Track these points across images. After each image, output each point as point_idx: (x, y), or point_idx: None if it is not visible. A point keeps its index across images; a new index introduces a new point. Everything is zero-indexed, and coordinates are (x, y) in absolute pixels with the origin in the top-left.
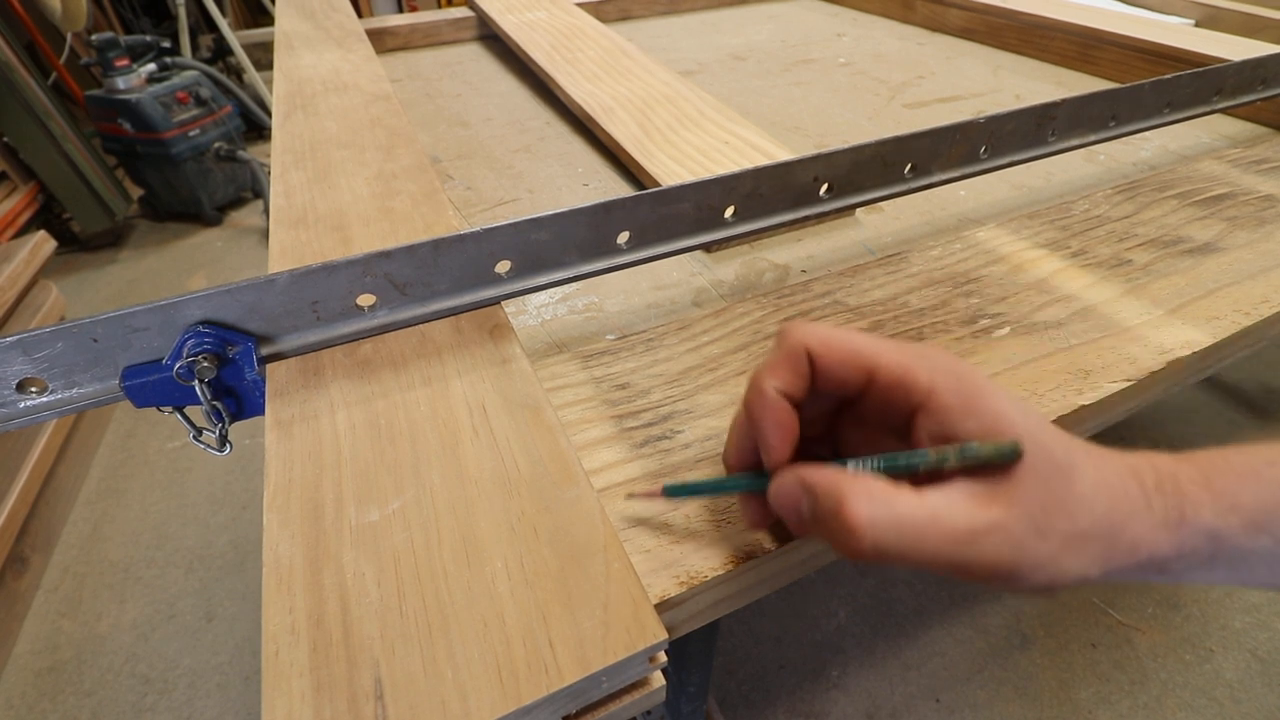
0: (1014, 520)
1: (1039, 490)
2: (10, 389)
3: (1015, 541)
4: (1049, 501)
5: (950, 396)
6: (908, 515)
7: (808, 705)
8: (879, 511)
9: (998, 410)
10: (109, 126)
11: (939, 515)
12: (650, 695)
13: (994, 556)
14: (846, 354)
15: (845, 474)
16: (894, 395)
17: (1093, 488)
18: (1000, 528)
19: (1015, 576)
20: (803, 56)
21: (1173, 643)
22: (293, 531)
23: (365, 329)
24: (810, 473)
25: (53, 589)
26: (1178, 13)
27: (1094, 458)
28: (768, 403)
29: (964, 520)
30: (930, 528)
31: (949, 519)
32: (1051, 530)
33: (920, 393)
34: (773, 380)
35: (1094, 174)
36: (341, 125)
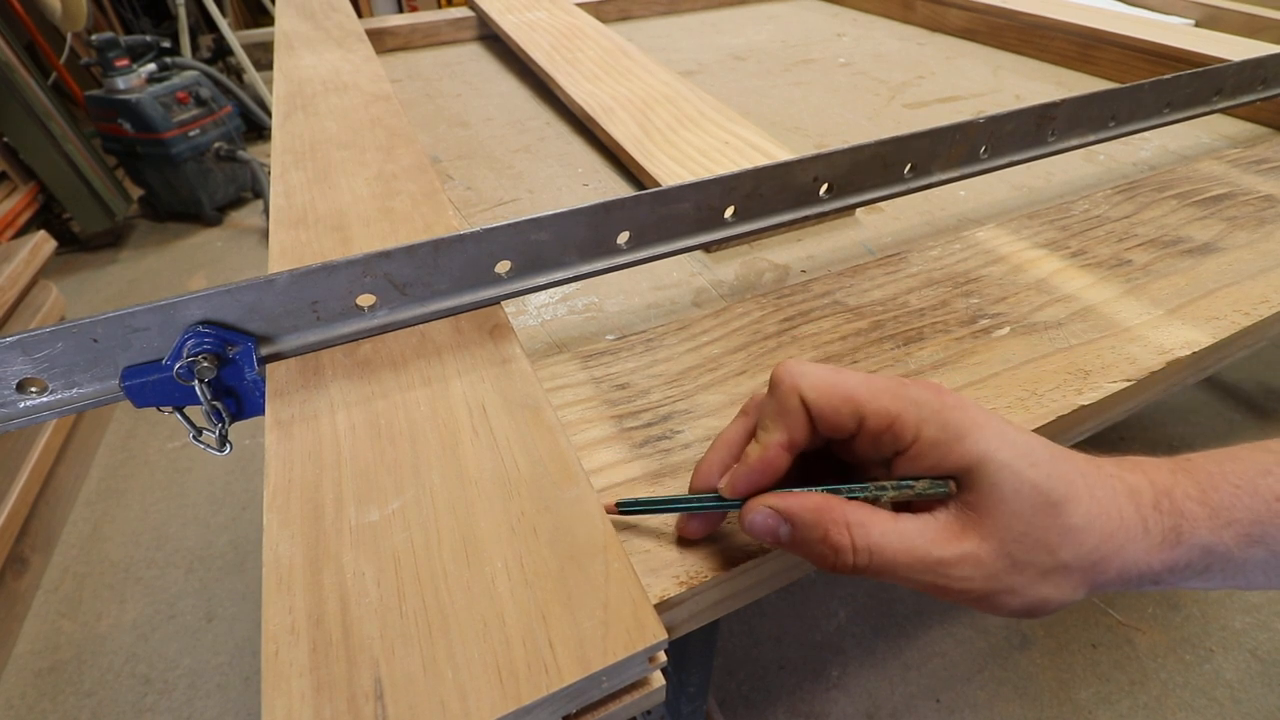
0: (985, 553)
1: (1018, 525)
2: (10, 389)
3: (987, 572)
4: (1028, 536)
5: (928, 445)
6: (881, 541)
7: (808, 705)
8: (858, 538)
9: (979, 453)
10: (109, 126)
11: (909, 543)
12: (650, 695)
13: (965, 585)
14: (839, 402)
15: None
16: (882, 440)
17: (1085, 519)
18: (970, 559)
19: (989, 603)
20: (803, 56)
21: (1173, 643)
22: (293, 531)
23: (365, 329)
24: (784, 501)
25: (53, 589)
26: (1178, 13)
27: (1091, 484)
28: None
29: (935, 550)
30: (903, 555)
31: (920, 548)
32: (1028, 564)
33: (906, 440)
34: (779, 436)
35: (1094, 174)
36: (341, 125)
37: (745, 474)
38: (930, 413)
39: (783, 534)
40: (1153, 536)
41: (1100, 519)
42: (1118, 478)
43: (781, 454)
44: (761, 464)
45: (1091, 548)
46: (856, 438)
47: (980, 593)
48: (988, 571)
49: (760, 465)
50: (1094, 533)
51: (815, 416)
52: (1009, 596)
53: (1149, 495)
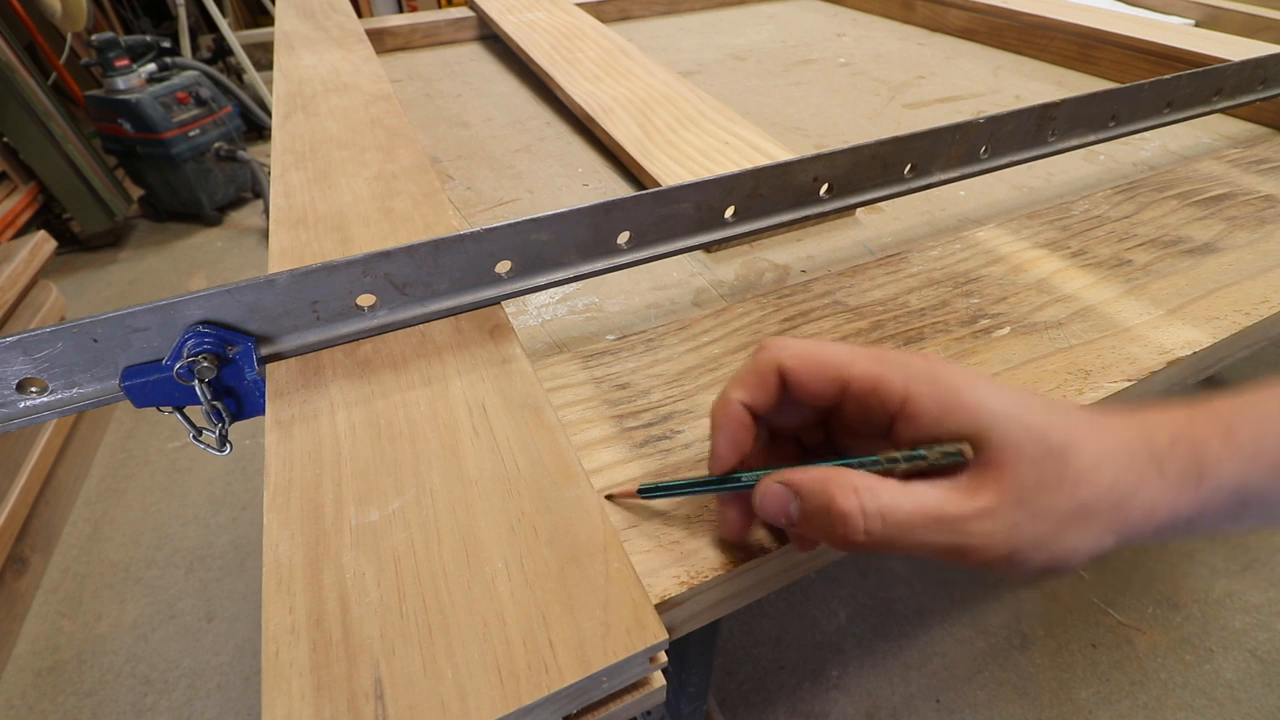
0: (1003, 504)
1: (1029, 472)
2: (10, 389)
3: (1008, 524)
4: (1041, 482)
5: (926, 401)
6: (891, 504)
7: (808, 705)
8: (867, 502)
9: (976, 405)
10: (109, 126)
11: (925, 504)
12: (650, 695)
13: (986, 540)
14: (817, 368)
15: (829, 470)
16: (870, 404)
17: (1093, 460)
18: (989, 512)
19: (1014, 559)
20: (803, 56)
21: (1173, 643)
22: (293, 531)
23: (365, 329)
24: (791, 474)
25: (53, 589)
26: (1178, 13)
27: (1096, 429)
28: (727, 412)
29: (951, 507)
30: (918, 516)
31: (935, 507)
32: (1048, 510)
33: (895, 401)
34: (737, 393)
35: (1094, 174)
36: (341, 125)
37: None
38: (918, 372)
39: (793, 510)
40: (1169, 477)
41: (1109, 461)
42: (1125, 423)
43: (738, 409)
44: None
45: (1106, 489)
46: (845, 409)
47: (1004, 549)
48: (1009, 523)
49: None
50: (1105, 474)
51: (794, 384)
52: (1034, 550)
53: (1164, 435)
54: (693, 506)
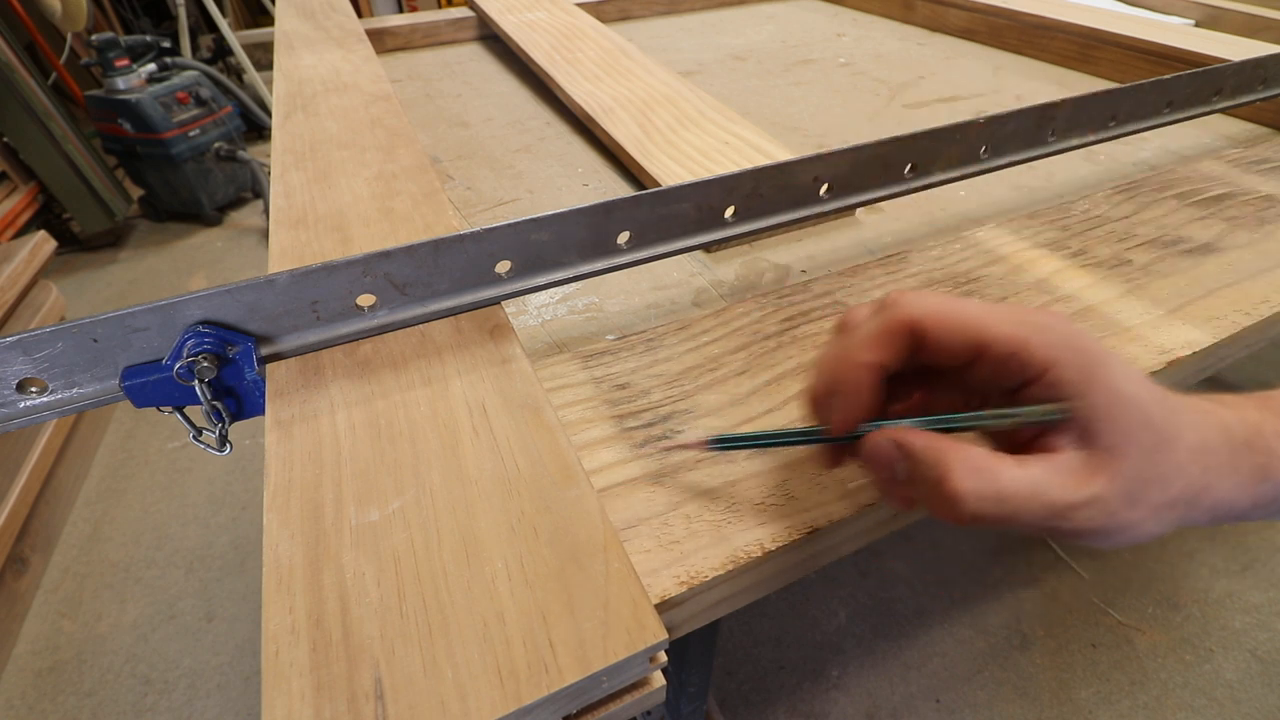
0: (1111, 494)
1: (1140, 463)
2: (10, 389)
3: (1109, 512)
4: (1148, 475)
5: (1070, 372)
6: (1010, 489)
7: (808, 705)
8: (984, 485)
9: (1113, 386)
10: (109, 126)
11: (1040, 489)
12: (650, 695)
13: (1087, 525)
14: (955, 329)
15: (946, 441)
16: (1008, 368)
17: (1189, 454)
18: (1096, 500)
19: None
20: (803, 56)
21: (1173, 643)
22: (293, 531)
23: (365, 329)
24: (907, 437)
25: (53, 589)
26: (1178, 13)
27: (1193, 422)
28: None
29: (1065, 495)
30: (1031, 501)
31: (1050, 493)
32: (1144, 501)
33: (1036, 367)
34: (867, 354)
35: (1094, 174)
36: (341, 125)
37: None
38: (1060, 339)
39: (899, 470)
40: (1241, 474)
41: (1200, 454)
42: (1213, 414)
43: (866, 374)
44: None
45: (1193, 481)
46: (974, 366)
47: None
48: (1109, 510)
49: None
50: (1194, 471)
51: (931, 344)
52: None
53: (1240, 432)
54: (694, 505)
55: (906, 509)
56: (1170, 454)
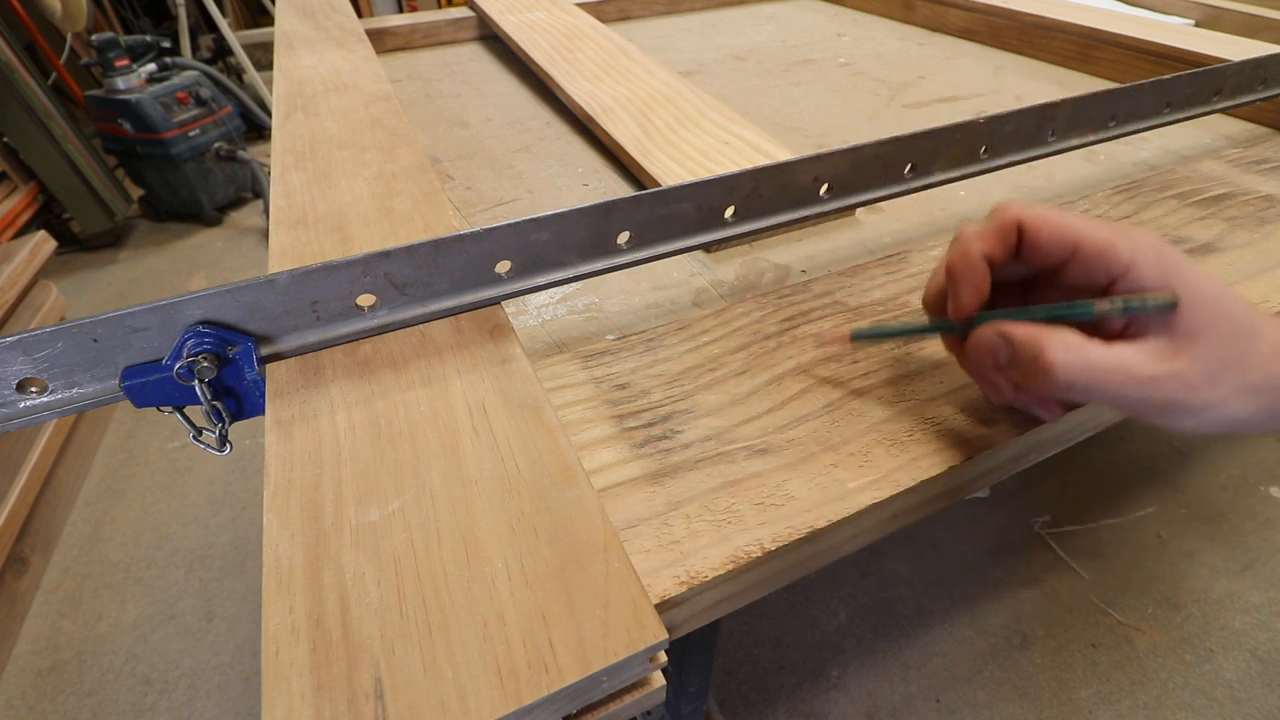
0: (1192, 370)
1: (1219, 346)
2: (10, 389)
3: (1191, 387)
4: (1227, 357)
5: (1149, 269)
6: (1099, 360)
7: (808, 705)
8: (1073, 356)
9: (1192, 282)
10: (109, 126)
11: (1125, 362)
12: (650, 695)
13: (1168, 396)
14: (1055, 228)
15: (1042, 327)
16: (1095, 265)
17: (1272, 348)
18: (1178, 375)
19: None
20: (803, 56)
21: (1173, 643)
22: (293, 531)
23: (365, 329)
24: (1008, 326)
25: (53, 589)
26: (1178, 13)
27: (1274, 323)
28: (970, 264)
29: (1149, 369)
30: (1117, 372)
31: (1135, 366)
32: (1224, 380)
33: (1120, 265)
34: (979, 245)
35: (1094, 174)
36: (341, 125)
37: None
38: (1144, 244)
39: (1002, 355)
40: None
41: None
42: None
43: (980, 261)
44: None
45: (1275, 373)
46: (1069, 266)
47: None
48: (1191, 386)
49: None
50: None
51: (1030, 242)
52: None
53: None
54: (695, 505)
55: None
56: (1249, 343)
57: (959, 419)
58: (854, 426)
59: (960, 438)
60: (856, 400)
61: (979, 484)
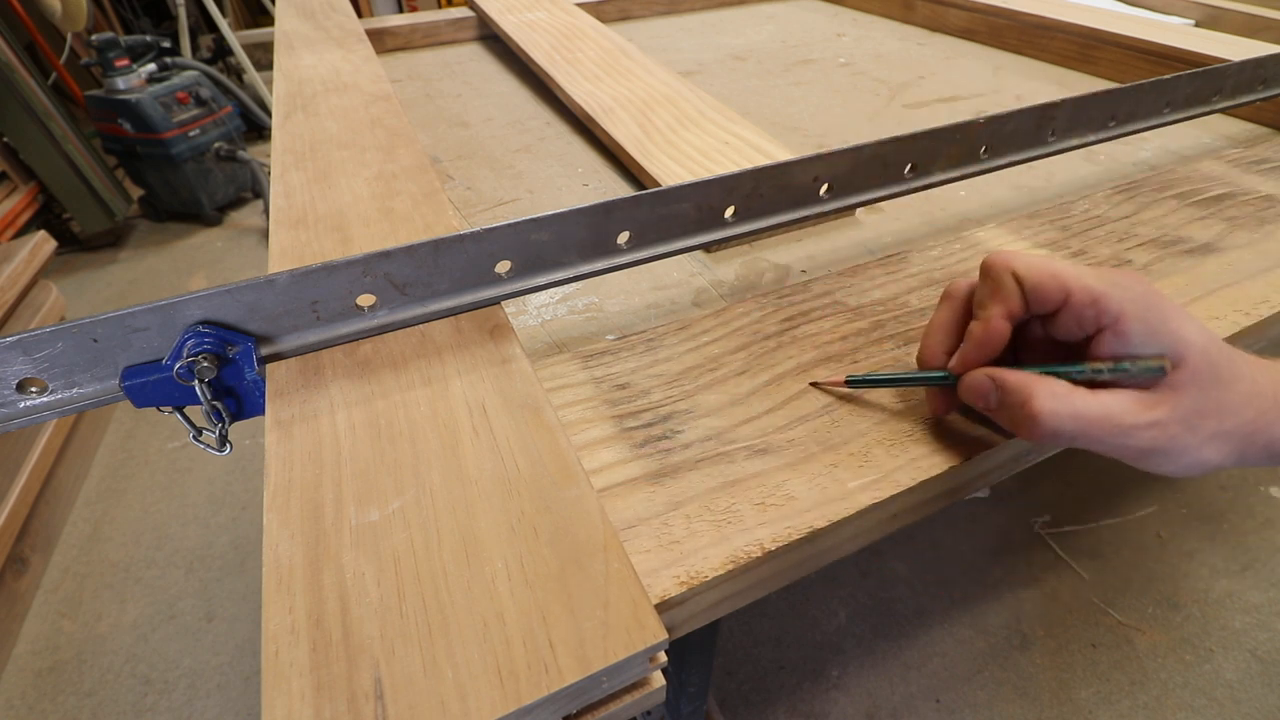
0: (1172, 419)
1: (1199, 397)
2: (10, 389)
3: (1170, 435)
4: (1205, 407)
5: (1136, 323)
6: (1084, 409)
7: (808, 705)
8: (1060, 406)
9: (1179, 333)
10: (109, 126)
11: (1109, 411)
12: (650, 695)
13: (1149, 443)
14: (1047, 279)
15: (1032, 375)
16: (1085, 315)
17: (1245, 397)
18: (1158, 424)
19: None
20: (803, 56)
21: (1173, 643)
22: (293, 531)
23: (365, 329)
24: (999, 372)
25: (53, 589)
26: (1178, 13)
27: (1251, 369)
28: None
29: (1130, 418)
30: (1102, 421)
31: (1118, 416)
32: (1201, 428)
33: (1110, 315)
34: (998, 310)
35: (1094, 174)
36: (341, 125)
37: (974, 348)
38: (1135, 295)
39: (992, 399)
40: None
41: (1256, 399)
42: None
43: (1002, 324)
44: (985, 335)
45: (1248, 421)
46: (1060, 314)
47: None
48: (1170, 433)
49: (984, 338)
50: (1250, 410)
51: (1027, 291)
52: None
53: None
54: (695, 505)
55: None
56: (1227, 392)
57: (959, 419)
58: (854, 426)
59: (960, 438)
60: (856, 400)
61: (979, 484)
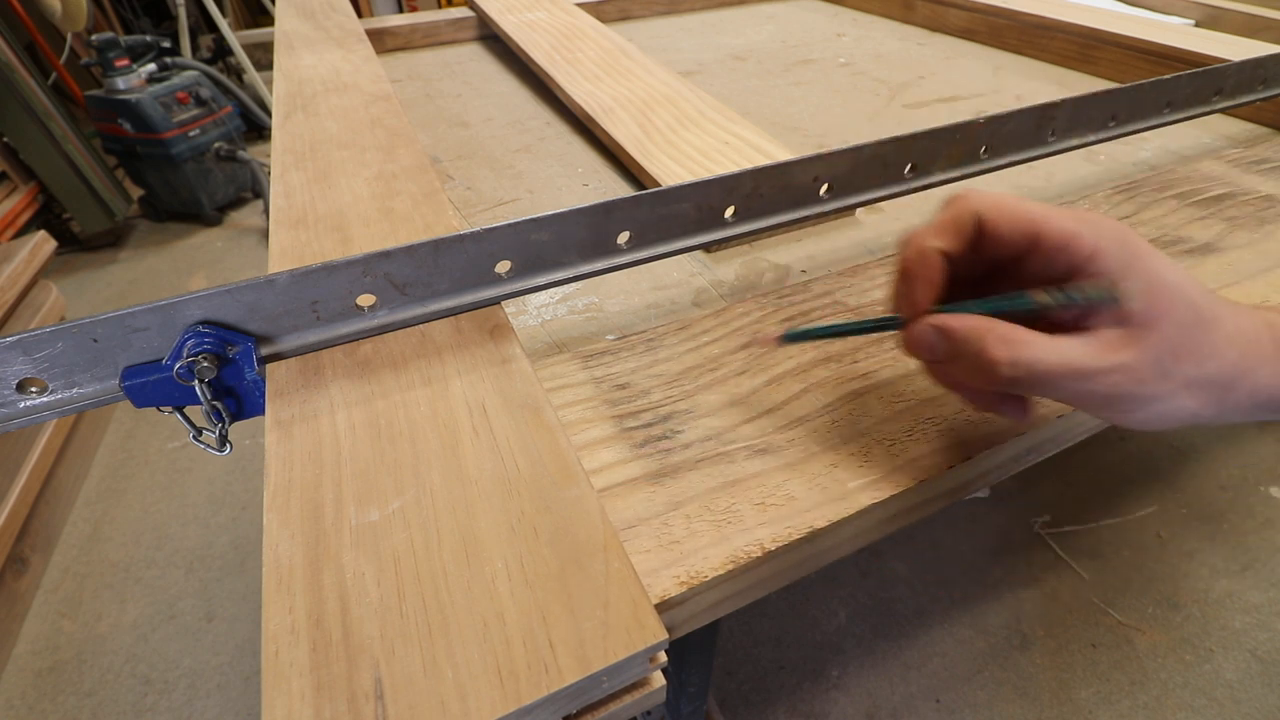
0: (1141, 363)
1: (1175, 336)
2: (10, 389)
3: (1138, 380)
4: (1182, 348)
5: (1111, 260)
6: (1041, 355)
7: (808, 705)
8: (1017, 352)
9: (1154, 270)
10: (109, 126)
11: (1067, 357)
12: (650, 695)
13: (1113, 390)
14: (1014, 218)
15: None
16: (1058, 257)
17: (1227, 338)
18: (1124, 368)
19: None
20: (803, 56)
21: (1173, 643)
22: (293, 531)
23: (365, 329)
24: (944, 319)
25: (53, 589)
26: (1178, 13)
27: (1235, 312)
28: (924, 259)
29: (1092, 362)
30: (1059, 366)
31: (1077, 360)
32: (1176, 373)
33: (1083, 255)
34: (934, 241)
35: (1094, 174)
36: (341, 125)
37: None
38: (1108, 232)
39: (939, 350)
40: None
41: (1239, 338)
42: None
43: (935, 256)
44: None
45: (1230, 364)
46: (1029, 258)
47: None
48: (1139, 378)
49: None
50: (1233, 350)
51: (990, 233)
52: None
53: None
54: (695, 505)
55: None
56: (1207, 333)
57: (959, 419)
58: (854, 426)
59: (960, 438)
60: (856, 400)
61: (979, 484)
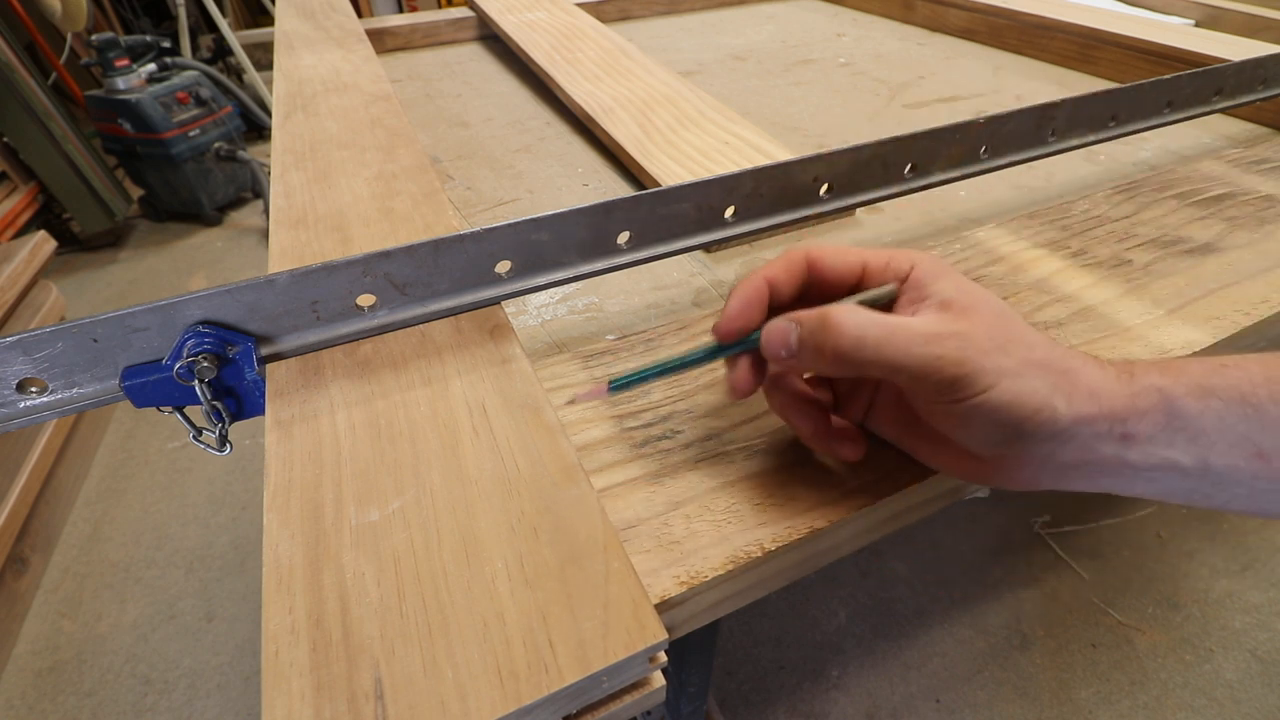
0: (975, 332)
1: (994, 321)
2: (10, 389)
3: (978, 348)
4: (1004, 332)
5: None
6: (884, 320)
7: (808, 705)
8: (860, 321)
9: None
10: (109, 126)
11: (908, 324)
12: (650, 695)
13: (958, 354)
14: (841, 253)
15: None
16: (885, 276)
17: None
18: (962, 334)
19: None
20: (803, 56)
21: (1173, 643)
22: (293, 531)
23: (365, 329)
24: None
25: (53, 589)
26: (1178, 13)
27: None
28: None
29: (930, 325)
30: (900, 329)
31: (918, 325)
32: (1011, 350)
33: (904, 270)
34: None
35: (1094, 174)
36: (341, 125)
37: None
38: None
39: (792, 336)
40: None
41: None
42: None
43: (759, 280)
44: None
45: (1051, 354)
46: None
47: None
48: (978, 347)
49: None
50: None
51: (821, 266)
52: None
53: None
54: (695, 505)
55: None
56: (1023, 329)
57: None
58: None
59: None
60: None
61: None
